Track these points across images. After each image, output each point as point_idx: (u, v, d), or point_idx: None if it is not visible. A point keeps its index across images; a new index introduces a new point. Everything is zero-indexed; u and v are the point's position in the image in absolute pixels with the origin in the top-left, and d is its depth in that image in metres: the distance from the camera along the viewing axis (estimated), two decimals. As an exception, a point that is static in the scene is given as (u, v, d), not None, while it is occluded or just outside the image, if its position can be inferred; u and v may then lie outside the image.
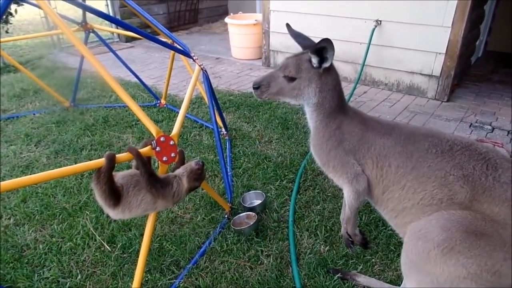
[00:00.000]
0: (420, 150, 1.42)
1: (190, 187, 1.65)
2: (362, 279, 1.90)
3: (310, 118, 1.67)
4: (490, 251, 1.20)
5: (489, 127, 3.59)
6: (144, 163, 1.52)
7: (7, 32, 5.64)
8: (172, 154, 1.64)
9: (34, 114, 3.83)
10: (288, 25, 1.77)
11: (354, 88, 4.24)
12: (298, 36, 1.71)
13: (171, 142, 1.62)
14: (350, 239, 1.71)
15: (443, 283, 1.28)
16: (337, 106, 1.62)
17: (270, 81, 1.63)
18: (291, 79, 1.60)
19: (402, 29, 4.17)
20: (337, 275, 1.92)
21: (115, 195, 1.48)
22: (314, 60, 1.54)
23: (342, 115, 1.62)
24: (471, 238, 1.22)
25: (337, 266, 2.00)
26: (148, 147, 1.58)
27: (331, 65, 1.58)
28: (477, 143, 1.41)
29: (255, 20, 5.55)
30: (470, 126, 3.63)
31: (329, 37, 1.47)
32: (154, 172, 1.56)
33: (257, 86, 1.64)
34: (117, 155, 1.46)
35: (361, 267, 1.99)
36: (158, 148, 1.59)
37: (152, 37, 2.15)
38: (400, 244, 1.98)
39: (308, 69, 1.57)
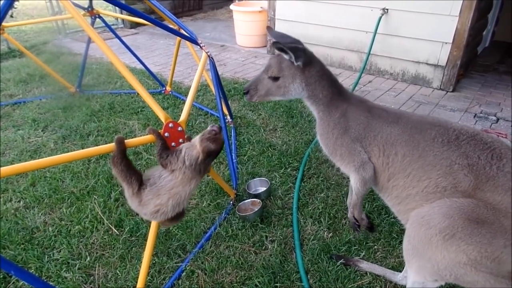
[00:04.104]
0: (427, 139, 1.44)
1: (204, 148, 1.50)
2: (365, 265, 1.94)
3: (313, 110, 1.73)
4: (490, 238, 1.23)
5: (494, 117, 3.59)
6: (164, 140, 1.55)
7: (11, 16, 5.63)
8: (180, 140, 1.66)
9: (40, 100, 3.85)
10: (269, 28, 1.85)
11: (359, 77, 4.23)
12: (280, 37, 1.74)
13: (179, 128, 1.64)
14: (357, 223, 1.75)
15: (443, 269, 1.32)
16: (334, 94, 1.66)
17: (257, 84, 1.71)
18: (275, 79, 1.66)
19: (409, 18, 4.13)
20: (340, 261, 1.96)
21: (135, 172, 1.47)
22: (286, 57, 1.61)
23: (344, 103, 1.65)
24: (472, 226, 1.25)
25: (340, 252, 2.04)
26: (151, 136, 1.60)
27: (313, 58, 1.65)
28: (483, 133, 1.42)
29: (261, 7, 5.51)
30: (474, 116, 3.63)
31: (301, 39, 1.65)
32: (169, 147, 1.57)
33: (246, 91, 1.73)
34: (127, 140, 1.48)
35: (363, 253, 2.03)
36: (166, 134, 1.61)
37: (160, 23, 2.15)
38: (402, 231, 2.01)
39: (289, 66, 1.63)
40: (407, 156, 1.46)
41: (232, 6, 5.75)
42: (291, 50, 1.56)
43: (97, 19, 3.69)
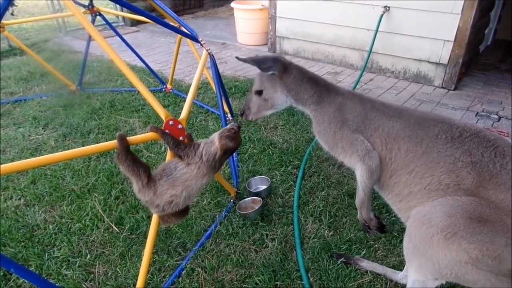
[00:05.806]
0: (430, 135, 1.43)
1: (222, 145, 1.52)
2: (365, 263, 1.94)
3: (307, 112, 1.76)
4: (492, 237, 1.23)
5: (496, 116, 3.58)
6: (171, 135, 1.55)
7: (12, 14, 5.62)
8: (181, 138, 1.65)
9: (41, 98, 3.85)
10: (237, 57, 1.91)
11: (361, 76, 4.22)
12: (250, 59, 1.79)
13: (180, 126, 1.64)
14: (367, 224, 1.73)
15: (444, 267, 1.31)
16: (321, 91, 1.69)
17: (248, 103, 1.83)
18: (260, 93, 1.76)
19: (411, 16, 4.11)
20: (341, 260, 1.95)
21: (141, 164, 1.47)
22: (259, 69, 1.69)
23: (337, 97, 1.66)
24: (474, 224, 1.24)
25: (340, 251, 2.04)
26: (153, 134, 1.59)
27: (289, 65, 1.71)
28: (486, 131, 1.42)
29: (262, 5, 5.49)
30: (476, 115, 3.62)
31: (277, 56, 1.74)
32: (179, 140, 1.58)
33: (242, 113, 1.85)
34: (130, 137, 1.48)
35: (364, 252, 2.02)
36: (167, 131, 1.60)
37: (160, 20, 2.14)
38: (402, 230, 2.00)
39: (268, 78, 1.72)
40: (410, 152, 1.45)
41: (233, 4, 5.74)
42: (254, 63, 1.66)
43: (98, 17, 3.68)
